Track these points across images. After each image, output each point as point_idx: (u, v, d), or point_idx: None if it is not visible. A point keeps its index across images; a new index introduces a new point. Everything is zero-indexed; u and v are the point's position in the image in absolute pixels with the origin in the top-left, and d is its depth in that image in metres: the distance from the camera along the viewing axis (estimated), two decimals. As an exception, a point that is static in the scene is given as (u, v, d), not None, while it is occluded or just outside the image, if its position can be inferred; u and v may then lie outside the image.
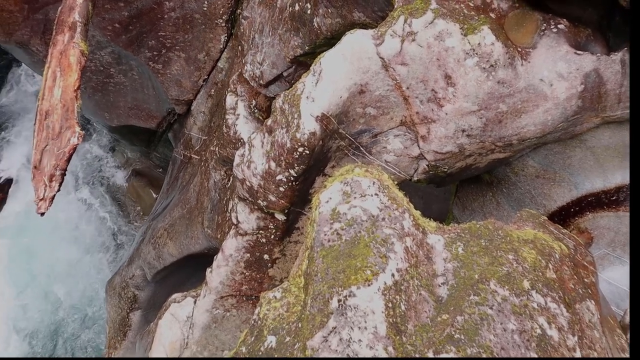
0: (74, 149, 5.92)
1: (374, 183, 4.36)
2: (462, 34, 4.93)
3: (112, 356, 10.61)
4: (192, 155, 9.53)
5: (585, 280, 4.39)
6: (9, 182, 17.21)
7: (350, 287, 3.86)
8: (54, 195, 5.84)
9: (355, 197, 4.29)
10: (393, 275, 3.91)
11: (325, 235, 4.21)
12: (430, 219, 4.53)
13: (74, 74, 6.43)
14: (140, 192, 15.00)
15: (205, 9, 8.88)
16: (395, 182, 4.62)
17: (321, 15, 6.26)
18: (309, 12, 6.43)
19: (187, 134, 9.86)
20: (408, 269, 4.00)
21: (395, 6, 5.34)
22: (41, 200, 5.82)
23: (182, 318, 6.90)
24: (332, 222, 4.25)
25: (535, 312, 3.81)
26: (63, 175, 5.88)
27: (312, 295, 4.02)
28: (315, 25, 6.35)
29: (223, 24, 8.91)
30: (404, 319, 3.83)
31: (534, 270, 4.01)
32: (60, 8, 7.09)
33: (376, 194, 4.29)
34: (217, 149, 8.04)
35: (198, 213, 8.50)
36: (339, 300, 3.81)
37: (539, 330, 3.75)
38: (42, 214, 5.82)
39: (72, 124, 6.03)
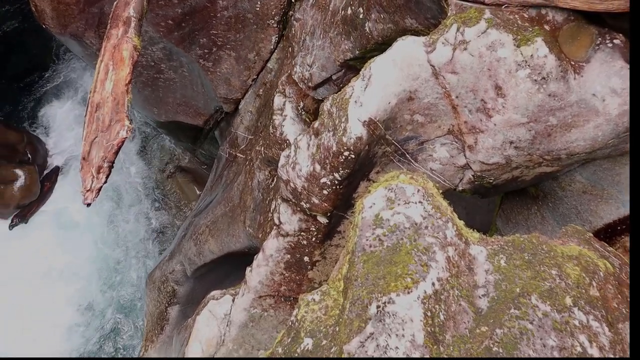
0: (123, 142, 6.00)
1: (418, 191, 4.34)
2: (515, 44, 4.89)
3: (149, 349, 10.71)
4: (238, 154, 9.58)
5: (630, 300, 4.32)
6: (56, 171, 17.46)
7: (390, 293, 3.84)
8: (101, 187, 5.92)
9: (399, 204, 4.27)
10: (433, 284, 3.89)
11: (367, 240, 4.20)
12: (473, 230, 4.49)
13: (126, 68, 6.52)
14: (184, 188, 15.13)
15: (257, 9, 8.92)
16: (440, 191, 4.59)
17: (373, 20, 6.25)
18: (361, 16, 6.43)
19: (233, 133, 9.92)
20: (449, 278, 3.98)
21: (449, 14, 5.31)
22: (88, 191, 5.90)
23: (220, 315, 6.94)
24: (374, 228, 4.24)
25: (576, 330, 3.75)
26: (110, 167, 5.96)
27: (351, 299, 4.01)
28: (367, 30, 6.34)
29: (275, 25, 8.95)
30: (442, 328, 3.80)
31: (577, 287, 3.96)
32: (115, 3, 7.19)
33: (420, 202, 4.27)
34: (262, 148, 8.07)
35: (240, 212, 8.54)
36: (378, 307, 3.80)
37: (579, 348, 3.70)
38: (89, 204, 5.90)
39: (122, 117, 6.11)
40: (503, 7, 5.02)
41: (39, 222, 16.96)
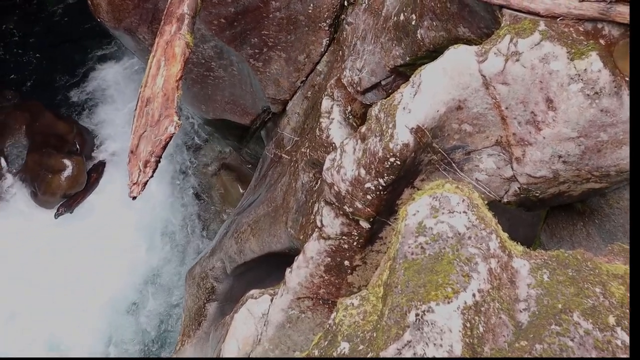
0: (171, 137, 6.05)
1: (463, 200, 4.32)
2: (568, 58, 4.83)
3: (185, 344, 10.79)
4: (283, 155, 9.61)
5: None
6: (104, 163, 17.67)
7: (430, 302, 3.83)
8: (147, 181, 5.97)
9: (443, 213, 4.25)
10: (474, 295, 3.86)
11: (409, 247, 4.19)
12: (517, 243, 4.46)
13: (177, 65, 6.58)
14: (228, 186, 15.21)
15: (310, 11, 8.94)
16: (485, 202, 4.56)
17: (425, 28, 6.23)
18: (413, 23, 6.41)
19: (279, 133, 9.95)
20: (490, 290, 3.95)
21: (502, 24, 5.27)
22: (134, 184, 5.96)
23: (258, 314, 6.97)
24: (417, 236, 4.23)
25: (618, 350, 3.70)
26: (157, 162, 6.01)
27: (390, 306, 4.01)
28: (419, 36, 6.32)
29: (326, 28, 8.96)
30: (481, 340, 3.78)
31: (621, 306, 3.90)
32: (170, -1, 7.27)
33: (465, 212, 4.25)
34: (308, 150, 8.08)
35: (283, 212, 8.57)
36: (417, 315, 3.79)
37: (620, 368, 3.65)
38: (134, 197, 5.96)
39: (171, 113, 6.16)
40: (558, 19, 4.97)
41: (84, 213, 17.20)
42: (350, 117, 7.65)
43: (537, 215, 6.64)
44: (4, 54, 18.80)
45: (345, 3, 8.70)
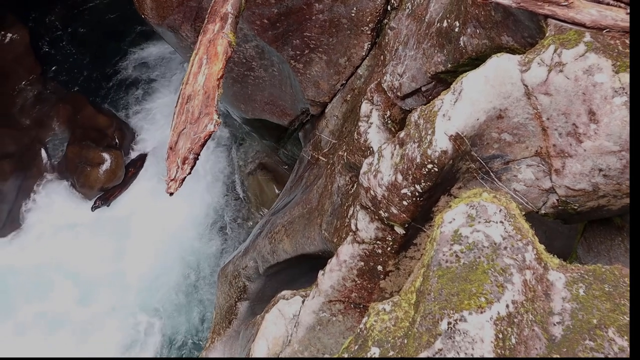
0: (210, 135, 6.08)
1: (500, 210, 4.29)
2: (613, 70, 4.77)
3: (215, 342, 10.84)
4: (320, 157, 9.62)
5: None
6: (142, 158, 17.84)
7: (462, 311, 3.81)
8: (185, 178, 6.01)
9: (479, 222, 4.23)
10: (507, 306, 3.83)
11: (443, 255, 4.17)
12: (553, 255, 4.41)
13: (219, 63, 6.62)
14: (263, 186, 15.26)
15: (353, 14, 8.94)
16: (522, 213, 4.53)
17: (468, 35, 6.20)
18: (456, 30, 6.38)
19: (317, 136, 9.96)
20: (524, 302, 3.92)
21: (547, 34, 5.22)
22: (172, 180, 6.00)
23: (289, 315, 6.97)
24: (452, 244, 4.21)
25: (653, 368, 3.65)
26: (196, 159, 6.05)
27: (422, 313, 3.99)
28: (462, 44, 6.29)
29: (368, 32, 8.95)
30: (513, 352, 3.74)
31: (658, 324, 3.84)
32: (214, -2, 7.31)
33: (501, 222, 4.22)
34: (345, 154, 8.08)
35: (318, 214, 8.57)
36: (449, 323, 3.77)
37: (654, 388, 3.59)
38: (171, 193, 6.00)
39: (211, 111, 6.20)
40: (604, 31, 4.91)
41: (120, 206, 17.39)
42: (389, 122, 7.63)
43: (575, 228, 6.56)
44: (49, 47, 19.08)
45: (389, 8, 8.69)
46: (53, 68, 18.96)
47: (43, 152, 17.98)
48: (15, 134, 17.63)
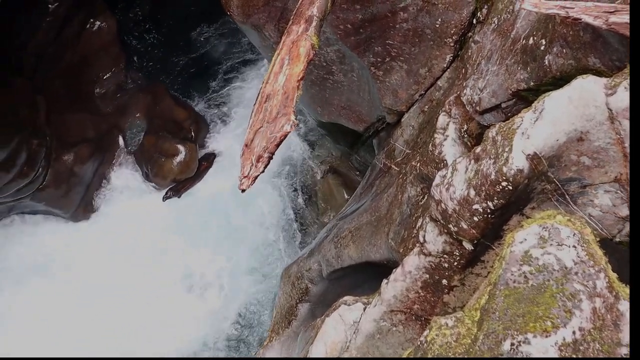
0: (286, 135, 6.12)
1: (574, 234, 4.21)
2: (703, 101, 4.64)
3: (273, 341, 10.90)
4: (392, 166, 9.58)
5: None
6: (215, 152, 18.06)
7: (527, 333, 3.75)
8: (258, 176, 6.06)
9: (551, 244, 4.16)
10: (574, 332, 3.76)
11: (511, 275, 4.12)
12: (625, 285, 4.31)
13: (300, 65, 6.66)
14: (333, 190, 15.28)
15: (437, 25, 8.89)
16: (596, 239, 4.44)
17: (554, 54, 6.10)
18: (542, 48, 6.29)
19: (391, 144, 9.93)
20: (591, 330, 3.84)
21: (636, 59, 5.11)
22: (245, 177, 6.05)
23: (349, 321, 6.96)
24: (521, 264, 4.16)
25: None
26: (270, 158, 6.09)
27: (485, 331, 3.95)
28: (546, 63, 6.19)
29: (452, 44, 8.88)
30: (576, 380, 3.68)
31: None
32: (301, 0, 7.36)
33: (574, 246, 4.15)
34: (418, 164, 8.04)
35: (386, 223, 8.54)
36: (512, 344, 3.72)
37: None
38: (243, 190, 6.05)
39: (289, 112, 6.24)
40: (697, 60, 4.78)
41: (190, 199, 17.66)
42: (465, 136, 7.56)
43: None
44: (134, 37, 19.48)
45: (474, 21, 8.61)
46: (136, 58, 19.35)
47: (120, 140, 18.38)
48: (96, 120, 18.06)
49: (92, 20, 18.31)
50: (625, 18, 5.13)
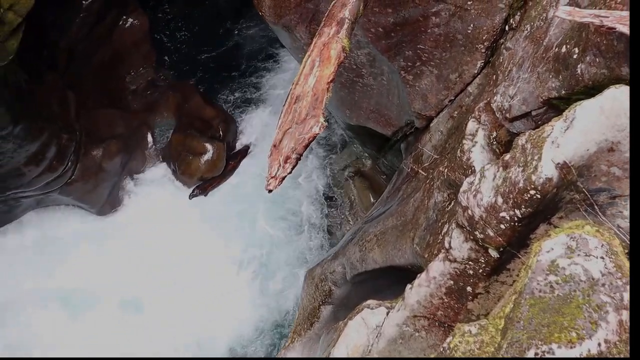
0: (314, 137, 6.12)
1: (602, 245, 4.18)
2: None
3: (295, 342, 10.91)
4: (420, 171, 9.55)
5: None
6: (243, 152, 18.12)
7: (551, 343, 3.73)
8: (285, 177, 6.07)
9: (578, 255, 4.13)
10: (599, 344, 3.73)
11: (537, 284, 4.09)
12: (653, 298, 4.26)
13: (331, 67, 6.66)
14: (359, 193, 15.29)
15: (469, 31, 8.85)
16: (625, 251, 4.39)
17: (587, 63, 6.05)
18: (575, 57, 6.23)
19: (419, 149, 9.90)
20: (617, 343, 3.80)
21: (670, 71, 5.06)
22: (272, 177, 6.07)
23: (372, 325, 6.95)
24: (548, 273, 4.13)
25: None
26: (298, 159, 6.10)
27: (509, 340, 3.93)
28: (579, 71, 6.14)
29: (483, 50, 8.84)
30: (600, 393, 3.64)
31: None
32: (333, 2, 7.36)
33: (602, 257, 4.11)
34: (446, 170, 8.01)
35: (411, 228, 8.52)
36: (536, 354, 3.70)
37: None
38: (270, 191, 6.06)
39: (318, 114, 6.24)
40: None
41: (216, 198, 17.74)
42: (494, 143, 7.52)
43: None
44: (165, 35, 19.61)
45: (507, 28, 8.56)
46: (167, 56, 19.49)
47: (149, 137, 18.52)
48: (125, 116, 18.22)
49: (124, 17, 18.47)
50: (660, 28, 5.08)
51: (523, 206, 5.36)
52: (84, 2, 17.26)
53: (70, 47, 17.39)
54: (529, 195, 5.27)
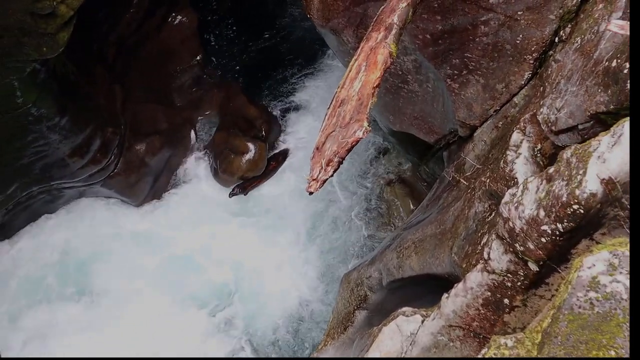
0: (357, 141, 6.13)
1: (645, 264, 4.10)
2: None
3: (328, 345, 10.91)
4: (461, 180, 9.49)
5: None
6: (284, 153, 18.15)
7: (589, 361, 3.67)
8: (326, 180, 6.09)
9: (621, 272, 4.07)
10: (638, 365, 3.66)
11: (577, 300, 4.04)
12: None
13: (377, 72, 6.66)
14: (399, 200, 15.24)
15: (518, 41, 8.77)
16: (668, 271, 4.31)
17: (637, 79, 5.97)
18: (625, 72, 6.15)
19: (462, 158, 9.84)
20: (656, 364, 3.73)
21: None
22: (313, 180, 6.08)
23: (406, 333, 6.93)
24: (588, 290, 4.08)
25: None
26: (340, 163, 6.11)
27: (545, 355, 3.90)
28: (628, 87, 6.06)
29: (531, 61, 8.75)
30: (637, 414, 3.58)
31: None
32: (382, 7, 7.36)
33: (645, 276, 4.03)
34: (488, 180, 7.95)
35: (450, 237, 8.47)
36: (573, 371, 3.64)
37: None
38: (311, 193, 6.08)
39: (362, 118, 6.25)
40: None
41: (256, 198, 17.81)
42: (539, 155, 7.45)
43: None
44: (213, 33, 19.73)
45: (556, 40, 8.48)
46: (214, 54, 19.60)
47: (192, 133, 18.66)
48: (170, 112, 18.36)
49: (173, 14, 18.64)
50: None
51: (565, 220, 5.30)
52: (134, -2, 17.50)
53: (118, 42, 17.60)
54: (572, 210, 5.22)
